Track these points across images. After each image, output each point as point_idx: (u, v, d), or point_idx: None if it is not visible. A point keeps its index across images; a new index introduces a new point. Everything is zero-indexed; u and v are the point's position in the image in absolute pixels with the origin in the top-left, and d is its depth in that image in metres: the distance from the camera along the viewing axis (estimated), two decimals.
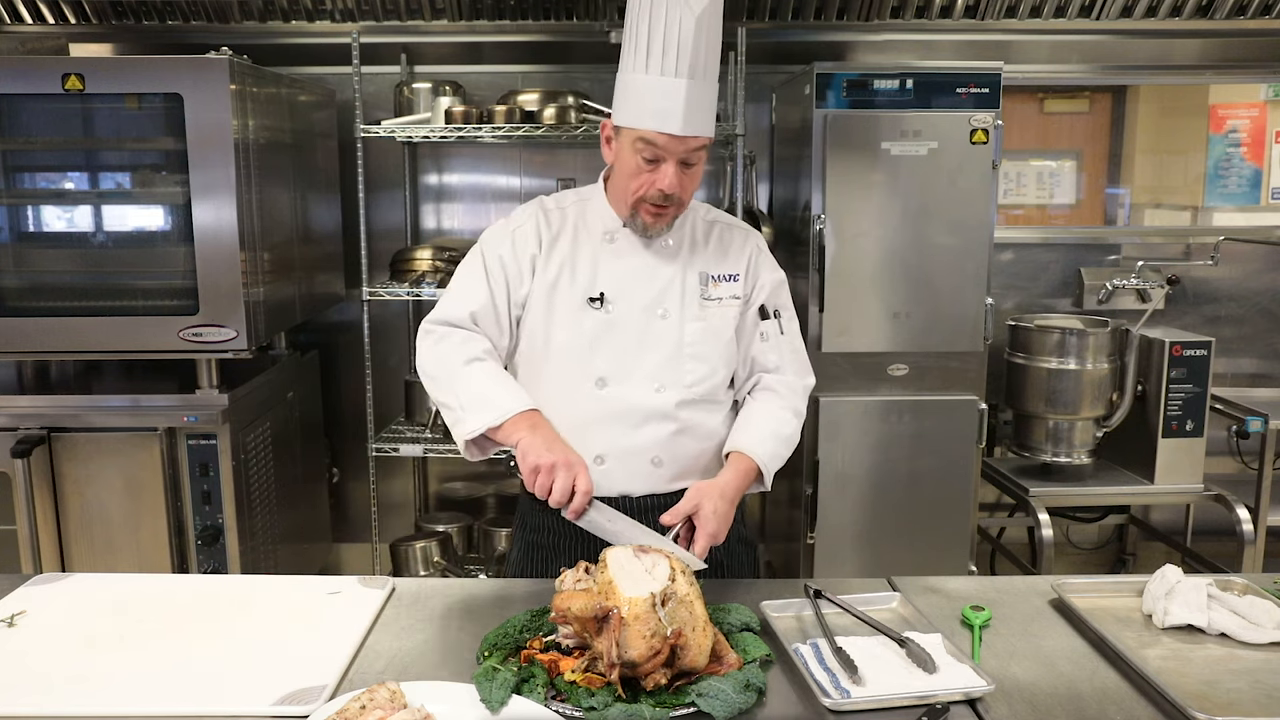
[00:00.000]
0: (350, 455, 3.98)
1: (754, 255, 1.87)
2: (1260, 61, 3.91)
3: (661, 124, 1.65)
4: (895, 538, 3.34)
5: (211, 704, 1.36)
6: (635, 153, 1.69)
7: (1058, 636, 1.59)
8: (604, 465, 1.77)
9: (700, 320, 1.80)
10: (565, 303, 1.78)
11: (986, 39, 3.78)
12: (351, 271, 3.71)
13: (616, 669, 1.33)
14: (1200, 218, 4.17)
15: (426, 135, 3.43)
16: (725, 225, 1.89)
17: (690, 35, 1.63)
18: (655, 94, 1.65)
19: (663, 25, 1.64)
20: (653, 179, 1.69)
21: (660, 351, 1.77)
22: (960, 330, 3.28)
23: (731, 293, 1.83)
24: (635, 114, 1.68)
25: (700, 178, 1.76)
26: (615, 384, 1.76)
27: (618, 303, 1.77)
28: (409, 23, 3.72)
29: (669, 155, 1.67)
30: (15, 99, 2.86)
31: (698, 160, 1.71)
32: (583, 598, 1.40)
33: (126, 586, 1.77)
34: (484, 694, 1.33)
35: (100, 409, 2.93)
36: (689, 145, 1.67)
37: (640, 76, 1.67)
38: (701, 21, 1.64)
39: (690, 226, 1.85)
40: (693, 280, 1.81)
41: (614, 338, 1.77)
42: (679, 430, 1.78)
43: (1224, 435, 3.66)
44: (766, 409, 1.85)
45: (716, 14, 1.68)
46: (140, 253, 3.03)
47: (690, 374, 1.78)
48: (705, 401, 1.81)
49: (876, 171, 3.20)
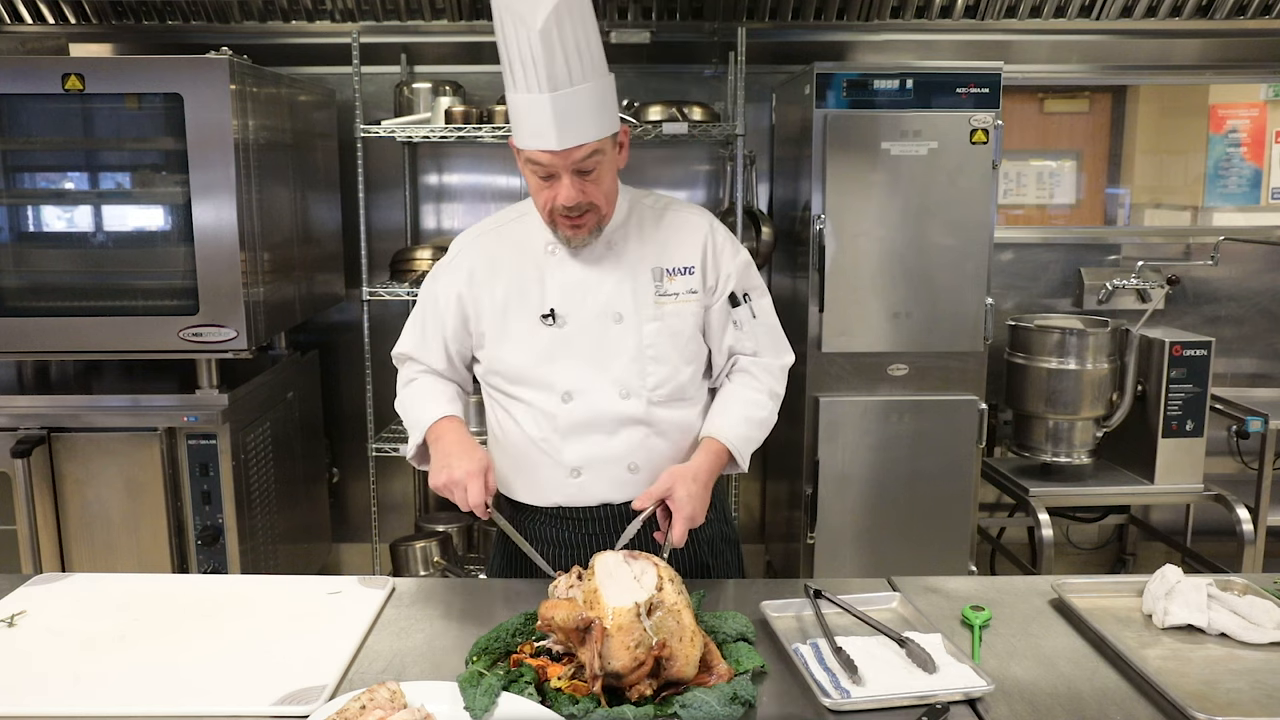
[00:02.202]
0: (350, 455, 3.98)
1: (709, 242, 1.80)
2: (1260, 61, 3.91)
3: (538, 142, 1.60)
4: (895, 538, 3.34)
5: (211, 704, 1.36)
6: (531, 172, 1.66)
7: (1058, 636, 1.59)
8: (580, 478, 1.76)
9: (657, 320, 1.75)
10: (519, 323, 1.76)
11: (986, 39, 3.78)
12: (351, 271, 3.71)
13: (599, 680, 1.31)
14: (1200, 218, 4.17)
15: (426, 135, 3.43)
16: (677, 212, 1.83)
17: (539, 49, 1.55)
18: (528, 112, 1.60)
19: (514, 43, 1.57)
20: (553, 194, 1.65)
21: (621, 358, 1.74)
22: (960, 330, 3.28)
23: (688, 286, 1.77)
24: (518, 134, 1.65)
25: (610, 178, 1.70)
26: (581, 396, 1.74)
27: (570, 316, 1.74)
28: (409, 23, 3.72)
29: (558, 170, 1.62)
30: (15, 99, 2.86)
31: (595, 165, 1.63)
32: (566, 607, 1.38)
33: (126, 586, 1.77)
34: (468, 701, 1.32)
35: (100, 409, 2.93)
36: (573, 157, 1.60)
37: (513, 95, 1.63)
38: (547, 33, 1.54)
39: (637, 220, 1.80)
40: (644, 279, 1.76)
41: (572, 351, 1.74)
42: (651, 433, 1.77)
43: (1224, 435, 3.65)
44: (740, 392, 1.82)
45: (571, 15, 1.56)
46: (140, 253, 3.02)
47: (652, 376, 1.75)
48: (673, 401, 1.78)
49: (876, 171, 3.20)
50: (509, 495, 1.85)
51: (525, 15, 1.54)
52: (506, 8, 1.56)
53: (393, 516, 3.96)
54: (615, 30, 3.57)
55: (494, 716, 1.30)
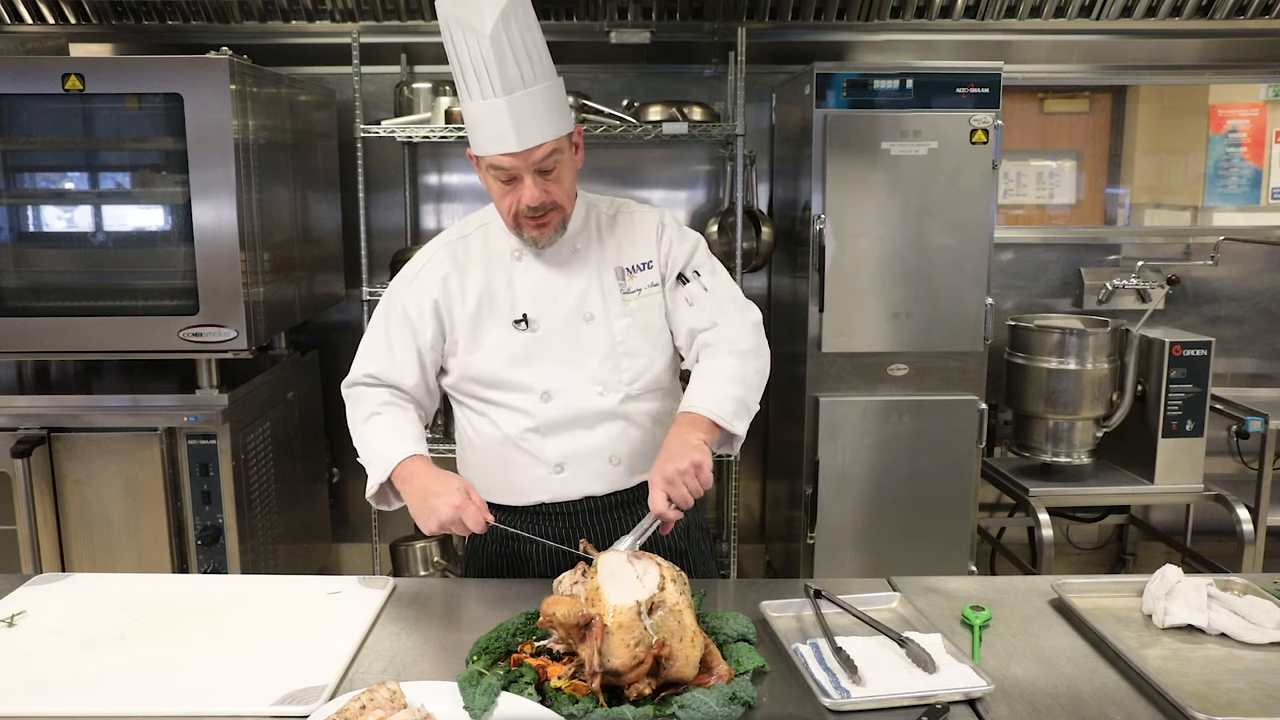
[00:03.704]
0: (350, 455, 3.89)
1: (660, 233, 1.84)
2: (1260, 61, 3.91)
3: (498, 146, 1.64)
4: (895, 538, 3.34)
5: (211, 704, 1.36)
6: (493, 178, 1.70)
7: (1058, 636, 1.59)
8: (563, 473, 1.79)
9: (626, 316, 1.80)
10: (491, 330, 1.78)
11: (986, 39, 3.78)
12: (351, 271, 3.71)
13: (598, 678, 1.32)
14: (1200, 218, 4.17)
15: (426, 135, 3.43)
16: (629, 213, 1.88)
17: (490, 54, 1.61)
18: (485, 119, 1.64)
19: (465, 52, 1.63)
20: (517, 196, 1.68)
21: (595, 355, 1.78)
22: (960, 330, 3.28)
23: (649, 280, 1.82)
24: (477, 142, 1.69)
25: (569, 176, 1.73)
26: (560, 395, 1.77)
27: (542, 319, 1.78)
28: (409, 23, 3.72)
29: (520, 171, 1.66)
30: (15, 99, 2.86)
31: (555, 164, 1.68)
32: (567, 604, 1.39)
33: (126, 586, 1.77)
34: (468, 700, 1.32)
35: (100, 409, 2.93)
36: (534, 157, 1.64)
37: (469, 104, 1.67)
38: (497, 38, 1.60)
39: (595, 224, 1.85)
40: (609, 278, 1.81)
41: (547, 353, 1.77)
42: (630, 425, 1.80)
43: (1224, 435, 3.65)
44: (704, 366, 1.79)
45: (517, 19, 1.62)
46: (140, 253, 3.02)
47: (628, 371, 1.79)
48: (650, 392, 1.82)
49: (876, 171, 3.20)
50: (486, 499, 1.84)
51: (473, 23, 1.60)
52: (453, 19, 1.63)
53: (393, 516, 3.89)
54: (615, 30, 3.57)
55: (493, 716, 1.31)
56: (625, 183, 3.92)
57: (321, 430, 3.86)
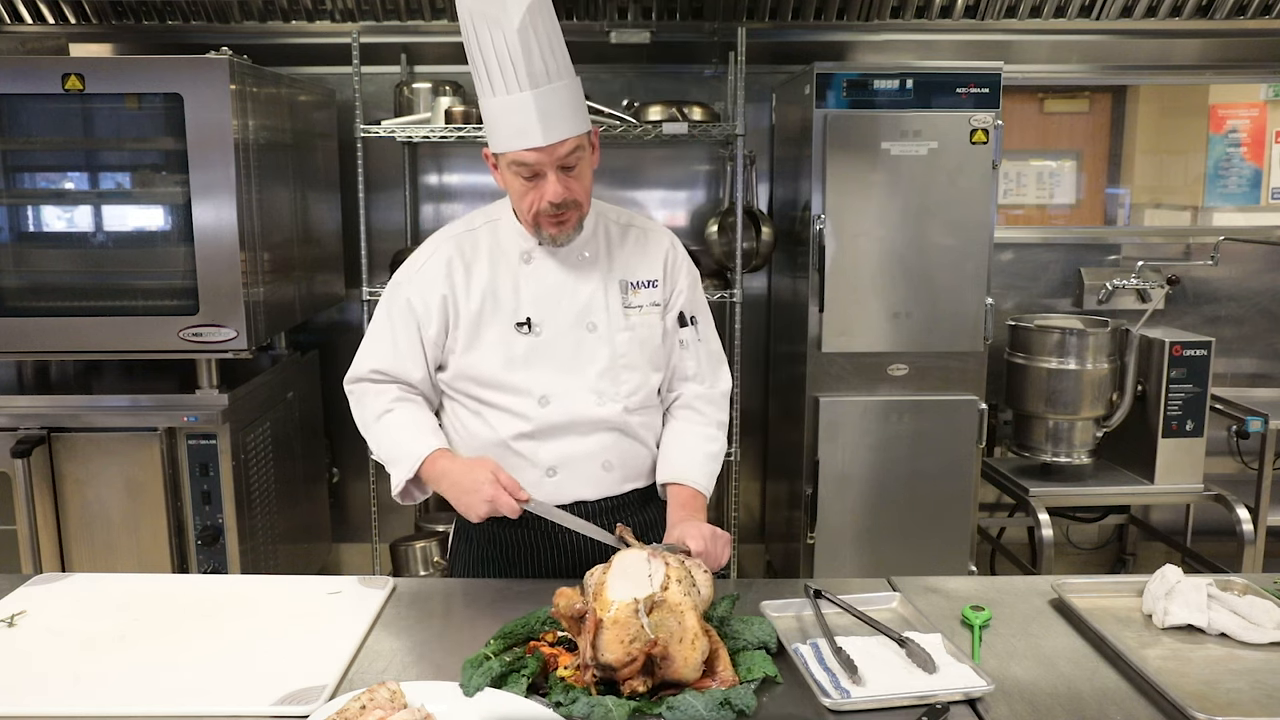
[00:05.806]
0: (350, 455, 3.98)
1: (669, 257, 1.87)
2: (1260, 61, 3.91)
3: (524, 141, 1.63)
4: (895, 538, 3.34)
5: (212, 704, 1.36)
6: (515, 174, 1.68)
7: (1058, 636, 1.59)
8: (555, 477, 1.79)
9: (628, 330, 1.80)
10: (493, 330, 1.78)
11: (986, 39, 3.78)
12: (351, 271, 3.71)
13: (589, 670, 1.33)
14: (1200, 218, 4.17)
15: (426, 135, 3.42)
16: (641, 228, 1.89)
17: (517, 48, 1.60)
18: (509, 114, 1.63)
19: (491, 47, 1.62)
20: (540, 193, 1.67)
21: (595, 365, 1.78)
22: (960, 330, 3.28)
23: (651, 299, 1.83)
24: (500, 138, 1.67)
25: (589, 175, 1.74)
26: (558, 400, 1.77)
27: (545, 324, 1.77)
28: (409, 23, 3.72)
29: (544, 167, 1.65)
30: (15, 99, 2.86)
31: (577, 161, 1.68)
32: (569, 595, 1.41)
33: (126, 586, 1.77)
34: (464, 678, 1.35)
35: (100, 409, 2.93)
36: (559, 152, 1.64)
37: (490, 101, 1.66)
38: (524, 31, 1.60)
39: (604, 233, 1.84)
40: (614, 290, 1.81)
41: (547, 358, 1.77)
42: (624, 435, 1.81)
43: (1224, 435, 3.65)
44: (692, 429, 1.87)
45: (542, 14, 1.63)
46: (140, 253, 3.02)
47: (626, 384, 1.80)
48: (645, 407, 1.83)
49: (876, 171, 3.20)
50: None
51: (498, 17, 1.60)
52: (478, 14, 1.61)
53: (393, 516, 3.96)
54: (615, 30, 3.57)
55: (482, 707, 1.32)
56: (625, 183, 3.92)
57: (321, 430, 3.86)
